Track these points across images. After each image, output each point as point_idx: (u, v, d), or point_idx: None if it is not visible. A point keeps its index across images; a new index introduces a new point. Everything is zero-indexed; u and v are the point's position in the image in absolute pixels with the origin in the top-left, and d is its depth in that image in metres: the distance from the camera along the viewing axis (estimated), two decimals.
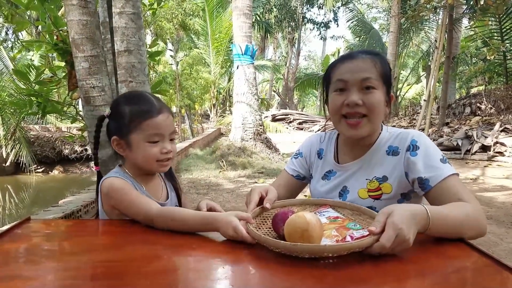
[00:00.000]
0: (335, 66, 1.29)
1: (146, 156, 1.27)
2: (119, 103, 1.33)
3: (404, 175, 1.24)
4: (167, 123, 1.29)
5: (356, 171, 1.33)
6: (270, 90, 27.05)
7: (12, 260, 0.92)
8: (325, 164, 1.44)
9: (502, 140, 8.14)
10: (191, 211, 1.12)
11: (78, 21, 1.88)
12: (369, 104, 1.22)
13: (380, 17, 25.28)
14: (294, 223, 0.90)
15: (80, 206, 3.60)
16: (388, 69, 1.27)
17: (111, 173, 1.33)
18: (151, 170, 1.33)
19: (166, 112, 1.30)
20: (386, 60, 1.30)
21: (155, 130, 1.26)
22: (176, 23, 12.02)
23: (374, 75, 1.22)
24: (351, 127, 1.25)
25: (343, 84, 1.24)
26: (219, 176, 6.64)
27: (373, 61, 1.24)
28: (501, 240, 3.56)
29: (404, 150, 1.25)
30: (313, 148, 1.50)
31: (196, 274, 0.85)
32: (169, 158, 1.31)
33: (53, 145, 10.94)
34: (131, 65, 2.04)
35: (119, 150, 1.33)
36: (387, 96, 1.28)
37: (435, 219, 0.96)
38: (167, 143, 1.29)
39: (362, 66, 1.23)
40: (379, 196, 1.27)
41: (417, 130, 1.32)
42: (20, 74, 2.81)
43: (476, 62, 14.69)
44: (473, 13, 10.24)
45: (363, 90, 1.22)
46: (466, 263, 0.92)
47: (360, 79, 1.22)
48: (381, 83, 1.24)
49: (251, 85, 8.56)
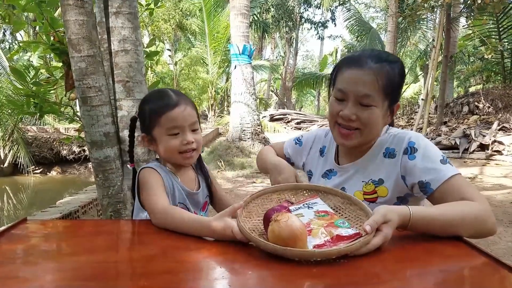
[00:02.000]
0: (341, 69, 1.24)
1: (168, 148, 1.32)
2: (143, 102, 1.41)
3: (400, 178, 1.22)
4: (184, 115, 1.31)
5: (354, 173, 1.32)
6: (268, 90, 27.04)
7: (8, 261, 0.91)
8: (326, 163, 1.43)
9: (500, 138, 8.15)
10: (191, 214, 1.13)
11: (75, 21, 1.87)
12: (363, 120, 1.19)
13: (377, 17, 25.32)
14: (278, 232, 0.88)
15: (78, 206, 3.60)
16: (395, 79, 1.20)
17: (148, 164, 1.39)
18: (176, 162, 1.37)
19: (184, 104, 1.32)
20: (398, 67, 1.22)
21: (173, 123, 1.30)
22: (173, 24, 12.01)
23: (375, 91, 1.17)
24: (342, 136, 1.25)
25: (342, 95, 1.22)
26: (217, 176, 6.64)
27: (378, 74, 1.17)
28: (500, 239, 3.57)
29: (401, 152, 1.22)
30: (316, 143, 1.49)
31: (194, 275, 0.84)
32: (193, 149, 1.34)
33: (51, 146, 10.89)
34: (128, 65, 2.03)
35: (148, 146, 1.39)
36: (389, 109, 1.24)
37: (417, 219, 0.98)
38: (187, 135, 1.32)
39: (365, 80, 1.17)
40: (375, 200, 1.26)
41: (415, 131, 1.29)
42: (17, 74, 2.80)
43: (474, 61, 14.69)
44: (471, 12, 10.25)
45: (360, 106, 1.19)
46: (464, 262, 0.92)
47: (359, 94, 1.18)
48: (382, 98, 1.18)
49: (249, 85, 8.55)
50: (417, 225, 0.98)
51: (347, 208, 1.08)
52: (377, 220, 0.91)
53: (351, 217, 1.04)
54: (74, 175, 10.98)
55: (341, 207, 1.09)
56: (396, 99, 1.25)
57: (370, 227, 0.89)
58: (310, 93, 33.08)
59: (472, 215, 1.03)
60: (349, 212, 1.07)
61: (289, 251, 0.85)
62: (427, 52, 15.52)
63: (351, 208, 1.07)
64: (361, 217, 1.02)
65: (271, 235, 0.90)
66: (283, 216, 0.91)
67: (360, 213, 1.03)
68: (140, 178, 1.32)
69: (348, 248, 0.86)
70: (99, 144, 2.04)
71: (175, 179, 1.37)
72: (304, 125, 17.20)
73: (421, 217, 0.99)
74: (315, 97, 33.86)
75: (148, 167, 1.36)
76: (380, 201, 1.25)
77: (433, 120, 10.91)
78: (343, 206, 1.09)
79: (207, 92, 14.59)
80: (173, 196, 1.33)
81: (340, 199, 1.11)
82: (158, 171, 1.33)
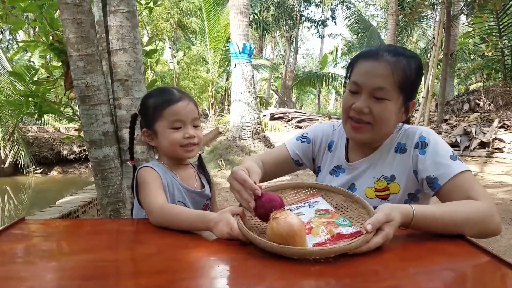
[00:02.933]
0: (358, 61, 1.22)
1: (170, 141, 1.34)
2: (145, 99, 1.43)
3: (412, 173, 1.21)
4: (187, 109, 1.34)
5: (365, 169, 1.30)
6: (268, 88, 27.03)
7: (6, 260, 0.91)
8: (334, 158, 1.40)
9: (500, 136, 8.14)
10: (188, 209, 1.12)
11: (73, 20, 1.87)
12: (376, 114, 1.18)
13: (377, 15, 25.28)
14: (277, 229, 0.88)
15: (78, 206, 3.59)
16: (411, 74, 1.17)
17: (147, 163, 1.40)
18: (177, 155, 1.38)
19: (187, 100, 1.36)
20: (415, 63, 1.19)
21: (176, 117, 1.33)
22: (173, 23, 12.00)
23: (390, 85, 1.15)
24: (354, 130, 1.23)
25: (356, 87, 1.20)
26: (218, 175, 6.63)
27: (394, 68, 1.15)
28: (501, 237, 3.56)
29: (412, 147, 1.21)
30: (324, 138, 1.45)
31: (192, 273, 0.84)
32: (194, 144, 1.36)
33: (51, 145, 10.88)
34: (126, 63, 2.02)
35: (149, 141, 1.41)
36: (404, 105, 1.21)
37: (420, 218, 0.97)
38: (189, 129, 1.34)
39: (380, 73, 1.15)
40: (387, 196, 1.24)
41: (425, 127, 1.27)
42: (15, 75, 2.79)
43: (474, 59, 14.67)
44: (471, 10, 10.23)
45: (374, 99, 1.17)
46: (465, 259, 0.91)
47: (373, 87, 1.16)
48: (396, 93, 1.16)
49: (249, 83, 8.54)
50: (419, 224, 0.98)
51: (350, 206, 1.07)
52: (379, 219, 0.90)
53: (354, 215, 1.04)
54: (75, 175, 10.98)
55: (344, 205, 1.09)
56: (412, 96, 1.22)
57: (372, 225, 0.88)
58: (311, 92, 33.07)
59: (475, 215, 1.02)
60: (351, 211, 1.06)
61: (287, 249, 0.84)
62: (428, 50, 15.50)
63: (354, 206, 1.06)
64: (363, 215, 1.01)
65: (270, 233, 0.90)
66: (282, 214, 0.90)
67: (362, 211, 1.02)
68: (138, 177, 1.33)
69: (347, 246, 0.85)
70: (98, 143, 2.03)
71: (174, 176, 1.37)
72: (305, 123, 17.20)
73: (424, 216, 0.98)
74: (316, 95, 33.84)
75: (147, 166, 1.36)
76: (392, 198, 1.24)
77: (433, 118, 10.90)
78: (345, 205, 1.09)
79: (207, 91, 14.58)
80: (172, 195, 1.33)
81: (343, 197, 1.10)
82: (157, 170, 1.33)
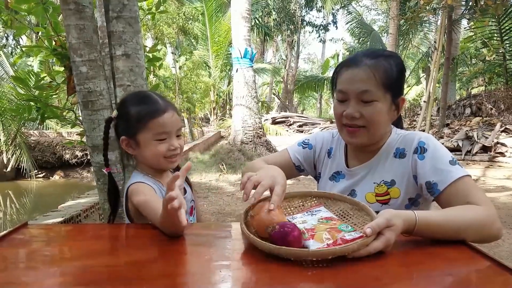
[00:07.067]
0: (340, 71, 1.25)
1: (155, 153, 1.32)
2: (126, 104, 1.37)
3: (412, 177, 1.22)
4: (172, 120, 1.32)
5: (364, 175, 1.31)
6: (270, 93, 27.07)
7: (9, 265, 0.91)
8: (334, 165, 1.42)
9: (502, 140, 8.14)
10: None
11: (75, 25, 1.88)
12: (368, 117, 1.20)
13: (379, 19, 25.35)
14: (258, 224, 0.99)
15: (80, 210, 3.60)
16: (392, 72, 1.20)
17: (134, 178, 1.36)
18: (160, 166, 1.37)
19: (172, 110, 1.33)
20: (395, 61, 1.22)
21: (162, 129, 1.30)
22: (176, 28, 12.05)
23: (374, 86, 1.17)
24: (350, 135, 1.25)
25: (343, 95, 1.23)
26: (219, 180, 6.64)
27: (375, 69, 1.18)
28: (503, 241, 3.55)
29: (411, 152, 1.22)
30: (324, 145, 1.47)
31: (194, 278, 0.84)
32: (176, 154, 1.35)
33: (53, 150, 10.91)
34: (129, 69, 2.03)
35: (128, 149, 1.37)
36: (393, 103, 1.23)
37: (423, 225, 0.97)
38: (174, 140, 1.33)
39: (362, 77, 1.18)
40: (387, 201, 1.25)
41: (424, 132, 1.29)
42: (19, 80, 2.81)
43: (476, 63, 14.69)
44: (473, 14, 10.24)
45: (362, 103, 1.19)
46: (467, 265, 0.91)
47: (358, 91, 1.19)
48: (382, 92, 1.19)
49: (251, 88, 8.57)
50: (422, 231, 0.97)
51: (355, 214, 1.07)
52: (380, 223, 0.90)
53: (358, 222, 1.03)
54: (77, 179, 10.99)
55: (349, 213, 1.09)
56: (399, 93, 1.24)
57: (371, 229, 0.88)
58: (312, 96, 33.09)
59: (477, 221, 1.02)
60: (356, 218, 1.06)
61: (284, 250, 0.85)
62: (429, 54, 15.51)
63: (359, 214, 1.06)
64: (367, 222, 1.01)
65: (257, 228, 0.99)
66: (255, 211, 1.00)
67: (367, 218, 1.02)
68: (133, 195, 1.27)
69: (344, 249, 0.85)
70: (100, 148, 2.02)
71: (160, 185, 1.37)
72: (306, 127, 17.21)
73: (426, 223, 0.97)
74: (317, 99, 33.86)
75: (137, 182, 1.32)
76: (393, 202, 1.24)
77: (435, 122, 10.89)
78: (351, 212, 1.09)
79: (209, 95, 14.61)
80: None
81: (349, 205, 1.11)
82: (148, 183, 1.31)
